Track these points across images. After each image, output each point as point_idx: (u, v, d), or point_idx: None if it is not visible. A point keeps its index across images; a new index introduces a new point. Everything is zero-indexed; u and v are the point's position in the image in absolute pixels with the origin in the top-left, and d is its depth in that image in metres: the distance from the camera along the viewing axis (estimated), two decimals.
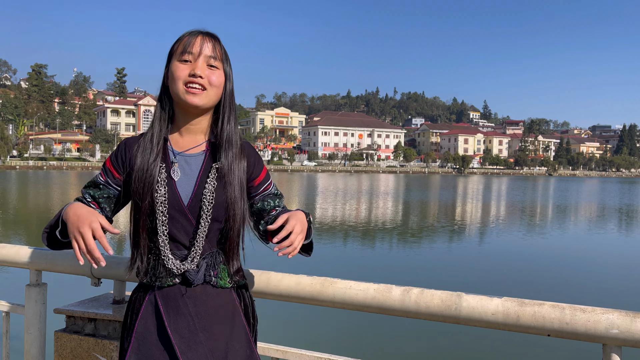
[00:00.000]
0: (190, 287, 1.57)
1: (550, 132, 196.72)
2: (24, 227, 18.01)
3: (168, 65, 1.62)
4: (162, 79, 1.65)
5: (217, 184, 1.58)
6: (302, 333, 7.06)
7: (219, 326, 1.58)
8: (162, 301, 1.57)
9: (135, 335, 1.58)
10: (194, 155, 1.63)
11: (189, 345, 1.54)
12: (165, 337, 1.56)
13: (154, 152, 1.58)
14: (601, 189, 58.64)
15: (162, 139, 1.61)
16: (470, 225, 20.64)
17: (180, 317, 1.55)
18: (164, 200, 1.55)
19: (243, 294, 1.69)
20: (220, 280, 1.60)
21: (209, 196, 1.56)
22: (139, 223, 1.57)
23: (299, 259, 7.56)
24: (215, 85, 1.58)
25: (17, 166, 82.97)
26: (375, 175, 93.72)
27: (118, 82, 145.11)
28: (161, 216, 1.54)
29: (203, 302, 1.57)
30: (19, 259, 2.38)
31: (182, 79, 1.55)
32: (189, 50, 1.55)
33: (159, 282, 1.57)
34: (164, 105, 1.64)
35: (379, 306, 1.79)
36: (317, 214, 23.22)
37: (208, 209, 1.56)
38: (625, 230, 20.83)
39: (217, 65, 1.59)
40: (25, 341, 2.38)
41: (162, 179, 1.56)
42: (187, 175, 1.60)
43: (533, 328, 1.60)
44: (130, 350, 1.57)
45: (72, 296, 2.61)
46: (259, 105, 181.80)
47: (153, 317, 1.58)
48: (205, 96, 1.57)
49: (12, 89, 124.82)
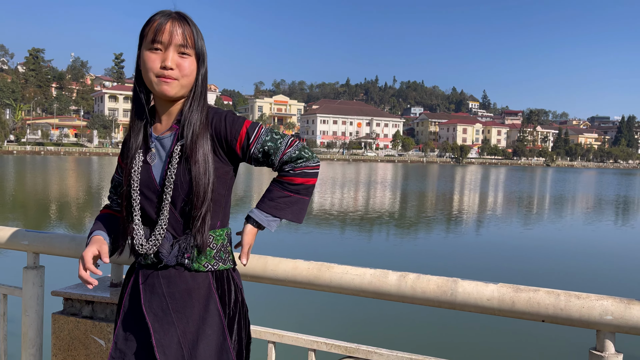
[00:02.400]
0: (166, 268, 1.60)
1: (549, 122, 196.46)
2: (21, 211, 18.00)
3: (140, 49, 1.60)
4: (136, 65, 1.63)
5: (180, 162, 1.58)
6: (299, 317, 7.11)
7: (191, 309, 1.59)
8: (142, 279, 1.64)
9: (123, 309, 1.67)
10: (166, 136, 1.63)
11: (162, 324, 1.58)
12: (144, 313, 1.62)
13: (133, 140, 1.64)
14: (598, 181, 58.77)
15: (142, 126, 1.65)
16: (467, 215, 20.70)
17: (154, 296, 1.61)
18: (136, 185, 1.61)
19: (223, 280, 1.65)
20: (194, 264, 1.60)
21: (170, 175, 1.57)
22: (122, 206, 1.66)
23: (296, 245, 7.61)
24: (187, 73, 1.57)
25: (15, 151, 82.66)
26: (373, 164, 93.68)
27: (116, 68, 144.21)
28: (135, 200, 1.61)
29: (176, 283, 1.60)
30: (17, 241, 2.38)
31: (154, 71, 1.54)
32: (159, 39, 1.53)
33: (140, 260, 1.64)
34: (139, 91, 1.64)
35: (375, 291, 1.80)
36: (315, 202, 23.26)
37: (169, 187, 1.57)
38: (621, 221, 20.92)
39: (189, 53, 1.56)
40: (23, 323, 2.39)
41: (138, 164, 1.61)
42: (161, 157, 1.62)
43: (528, 314, 1.62)
44: (119, 322, 1.66)
45: (70, 279, 2.62)
46: (257, 93, 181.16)
47: (136, 293, 1.65)
48: (178, 85, 1.56)
49: (9, 73, 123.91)
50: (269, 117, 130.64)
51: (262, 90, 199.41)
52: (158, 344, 1.56)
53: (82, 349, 2.25)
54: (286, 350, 2.10)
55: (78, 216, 16.78)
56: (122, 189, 1.69)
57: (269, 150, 1.62)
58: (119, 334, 1.65)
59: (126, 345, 1.62)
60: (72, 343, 2.28)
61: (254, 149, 1.62)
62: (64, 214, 17.38)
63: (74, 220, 16.01)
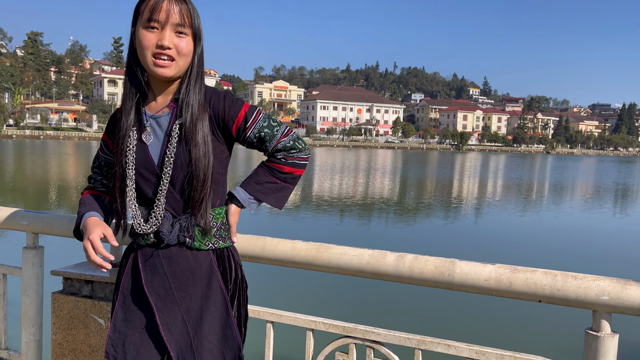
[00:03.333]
0: (167, 247, 1.60)
1: (549, 110, 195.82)
2: (21, 193, 18.02)
3: (134, 27, 1.56)
4: (129, 42, 1.60)
5: (179, 142, 1.57)
6: (297, 298, 7.17)
7: (194, 287, 1.60)
8: (142, 259, 1.63)
9: (121, 290, 1.66)
10: (162, 115, 1.61)
11: (165, 303, 1.59)
12: (145, 293, 1.61)
13: (126, 118, 1.60)
14: (598, 168, 58.79)
15: (134, 105, 1.61)
16: (466, 201, 20.74)
17: (156, 276, 1.60)
18: (132, 163, 1.58)
19: (224, 257, 1.67)
20: (195, 242, 1.61)
21: (169, 154, 1.56)
22: (115, 186, 1.64)
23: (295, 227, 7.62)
24: (184, 53, 1.54)
25: (14, 135, 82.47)
26: (373, 151, 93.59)
27: (115, 52, 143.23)
28: (130, 179, 1.59)
29: (178, 262, 1.60)
30: (16, 221, 2.39)
31: (150, 50, 1.50)
32: (155, 17, 1.48)
33: (138, 240, 1.63)
34: (133, 69, 1.60)
35: (374, 271, 1.81)
36: (315, 187, 23.27)
37: (169, 167, 1.56)
38: (619, 207, 20.97)
39: (186, 32, 1.53)
40: (23, 303, 2.41)
41: (132, 143, 1.59)
42: (157, 137, 1.60)
43: (525, 294, 1.62)
44: (117, 304, 1.65)
45: (69, 259, 2.63)
46: (257, 78, 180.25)
47: (136, 273, 1.64)
48: (175, 66, 1.54)
49: (7, 57, 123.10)
50: (268, 103, 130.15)
51: (262, 75, 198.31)
52: (162, 322, 1.57)
53: (82, 328, 2.27)
54: (284, 329, 2.12)
55: (77, 198, 16.76)
56: (111, 169, 1.69)
57: (265, 137, 1.63)
58: (117, 316, 1.64)
59: (126, 326, 1.62)
60: (72, 322, 2.29)
61: (250, 133, 1.62)
62: (64, 196, 17.41)
63: (73, 202, 16.03)
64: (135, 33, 1.55)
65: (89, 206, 1.68)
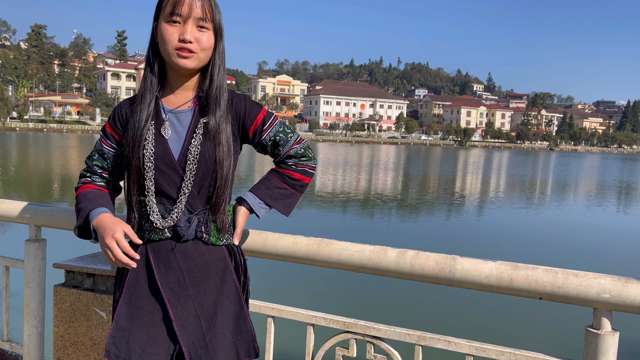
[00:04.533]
0: (181, 242, 1.59)
1: (554, 106, 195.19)
2: (24, 185, 18.08)
3: (156, 21, 1.58)
4: (150, 36, 1.62)
5: (203, 140, 1.58)
6: (298, 293, 7.18)
7: (208, 282, 1.61)
8: (153, 254, 1.60)
9: (127, 287, 1.61)
10: (183, 111, 1.62)
11: (179, 298, 1.58)
12: (156, 289, 1.59)
13: (144, 111, 1.59)
14: (601, 165, 58.61)
15: (153, 98, 1.61)
16: (469, 197, 20.71)
17: (170, 271, 1.59)
18: (151, 156, 1.57)
19: (234, 252, 1.69)
20: (212, 237, 1.61)
21: (194, 151, 1.57)
22: (131, 179, 1.60)
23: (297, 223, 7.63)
24: (206, 47, 1.56)
25: (17, 128, 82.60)
26: (376, 146, 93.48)
27: (119, 45, 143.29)
28: (149, 172, 1.57)
29: (193, 257, 1.60)
30: (19, 214, 2.39)
31: (172, 43, 1.52)
32: (178, 11, 1.50)
33: (150, 235, 1.60)
34: (153, 63, 1.62)
35: (375, 267, 1.81)
36: (317, 182, 23.27)
37: (193, 164, 1.56)
38: (623, 204, 20.92)
39: (207, 26, 1.55)
40: (25, 295, 2.42)
41: (151, 136, 1.58)
42: (177, 132, 1.60)
43: (525, 291, 1.62)
44: (122, 301, 1.61)
45: (72, 252, 2.64)
46: (260, 73, 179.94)
47: (144, 270, 1.61)
48: (196, 59, 1.55)
49: (11, 49, 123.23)
50: (271, 97, 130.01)
51: (266, 70, 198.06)
52: (176, 317, 1.57)
53: (84, 321, 2.28)
54: (285, 324, 2.12)
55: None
56: (118, 162, 1.67)
57: (280, 141, 1.69)
58: (120, 313, 1.60)
59: (131, 323, 1.59)
60: (74, 315, 2.30)
61: (266, 135, 1.68)
62: (66, 189, 17.45)
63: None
64: (158, 27, 1.57)
65: (96, 202, 1.62)
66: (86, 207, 1.60)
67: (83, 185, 1.69)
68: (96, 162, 1.69)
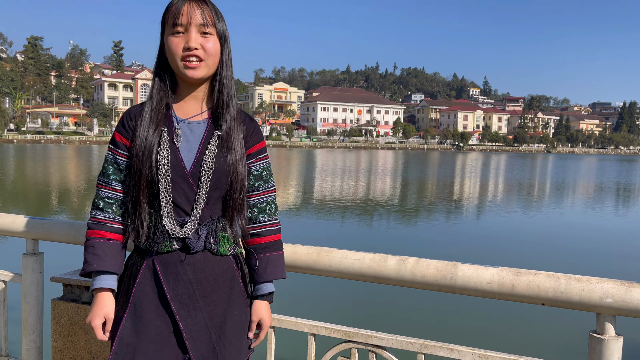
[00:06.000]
0: (190, 254, 1.57)
1: (550, 109, 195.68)
2: (22, 198, 18.04)
3: (163, 35, 1.59)
4: (159, 49, 1.62)
5: (218, 151, 1.58)
6: (299, 302, 7.14)
7: (217, 293, 1.60)
8: (161, 267, 1.57)
9: (133, 300, 1.58)
10: (196, 122, 1.62)
11: (188, 310, 1.56)
12: (164, 302, 1.57)
13: (154, 119, 1.57)
14: (599, 167, 58.72)
15: (164, 106, 1.60)
16: (468, 201, 20.71)
17: (179, 284, 1.56)
18: (166, 164, 1.54)
19: (241, 261, 1.69)
20: (221, 248, 1.60)
21: (209, 162, 1.56)
22: (140, 188, 1.55)
23: (295, 231, 7.57)
24: (212, 53, 1.56)
25: (15, 140, 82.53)
26: (374, 152, 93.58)
27: (115, 56, 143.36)
28: (164, 180, 1.54)
29: (203, 269, 1.58)
30: (16, 228, 2.37)
31: (179, 54, 1.53)
32: (179, 22, 1.52)
33: (156, 247, 1.57)
34: (162, 75, 1.61)
35: (375, 275, 1.80)
36: (315, 189, 23.26)
37: (208, 175, 1.56)
38: (622, 207, 20.93)
39: (210, 32, 1.55)
40: (23, 309, 2.39)
41: (165, 144, 1.56)
42: (189, 142, 1.59)
43: (528, 297, 1.61)
44: (127, 314, 1.57)
45: (69, 265, 2.62)
46: (257, 80, 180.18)
47: (151, 283, 1.58)
48: (204, 67, 1.56)
49: (8, 61, 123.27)
50: (269, 105, 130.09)
51: (262, 77, 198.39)
52: (186, 329, 1.55)
53: (82, 335, 2.26)
54: (286, 335, 2.10)
55: (78, 204, 16.80)
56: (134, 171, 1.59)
57: (264, 177, 1.71)
58: (124, 328, 1.55)
59: (137, 337, 1.55)
60: (72, 329, 2.28)
61: (258, 164, 1.69)
62: (64, 201, 17.41)
63: (74, 207, 16.04)
64: (164, 42, 1.58)
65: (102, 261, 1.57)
66: (91, 263, 1.57)
67: (95, 230, 1.61)
68: (114, 177, 1.61)
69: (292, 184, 25.57)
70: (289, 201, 18.60)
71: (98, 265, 1.57)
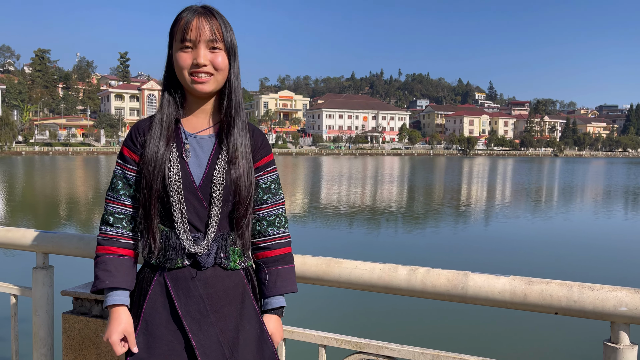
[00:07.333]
0: (200, 270, 1.56)
1: (556, 112, 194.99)
2: (31, 211, 18.13)
3: (171, 48, 1.59)
4: (167, 62, 1.61)
5: (227, 167, 1.57)
6: (309, 313, 7.11)
7: (229, 307, 1.59)
8: (172, 283, 1.56)
9: (144, 316, 1.57)
10: (205, 137, 1.61)
11: (200, 326, 1.55)
12: (175, 318, 1.56)
13: (164, 133, 1.56)
14: (608, 170, 58.30)
15: (173, 121, 1.59)
16: (476, 207, 20.61)
17: (190, 299, 1.55)
18: (177, 180, 1.54)
19: (251, 274, 1.68)
20: (231, 262, 1.60)
21: (220, 177, 1.55)
22: (151, 204, 1.55)
23: (304, 241, 7.56)
24: (221, 68, 1.55)
25: (23, 152, 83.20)
26: (380, 158, 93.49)
27: (121, 67, 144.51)
28: (177, 196, 1.54)
29: (213, 284, 1.57)
30: (26, 242, 2.38)
31: (187, 69, 1.53)
32: (188, 37, 1.51)
33: (168, 263, 1.56)
34: (171, 89, 1.61)
35: (385, 286, 1.79)
36: (322, 197, 23.24)
37: (219, 191, 1.55)
38: (633, 211, 20.73)
39: (219, 47, 1.54)
40: (34, 323, 2.40)
41: (175, 160, 1.55)
42: (198, 157, 1.59)
43: (540, 306, 1.59)
44: (139, 330, 1.57)
45: (79, 279, 2.63)
46: (262, 89, 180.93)
47: (162, 298, 1.57)
48: (214, 82, 1.55)
49: (15, 74, 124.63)
50: (274, 113, 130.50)
51: (267, 86, 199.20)
52: (198, 345, 1.54)
53: (93, 348, 2.26)
54: (296, 346, 2.10)
55: (87, 216, 16.87)
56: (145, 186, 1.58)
57: (273, 190, 1.69)
58: (138, 343, 1.55)
59: (149, 353, 1.55)
60: (83, 342, 2.28)
61: (266, 177, 1.68)
62: (73, 213, 17.49)
63: (83, 220, 16.10)
64: (173, 56, 1.57)
65: (114, 278, 1.56)
66: (103, 280, 1.56)
67: (106, 246, 1.60)
68: (123, 192, 1.60)
69: (299, 192, 25.58)
70: (296, 209, 18.60)
71: (110, 282, 1.56)
